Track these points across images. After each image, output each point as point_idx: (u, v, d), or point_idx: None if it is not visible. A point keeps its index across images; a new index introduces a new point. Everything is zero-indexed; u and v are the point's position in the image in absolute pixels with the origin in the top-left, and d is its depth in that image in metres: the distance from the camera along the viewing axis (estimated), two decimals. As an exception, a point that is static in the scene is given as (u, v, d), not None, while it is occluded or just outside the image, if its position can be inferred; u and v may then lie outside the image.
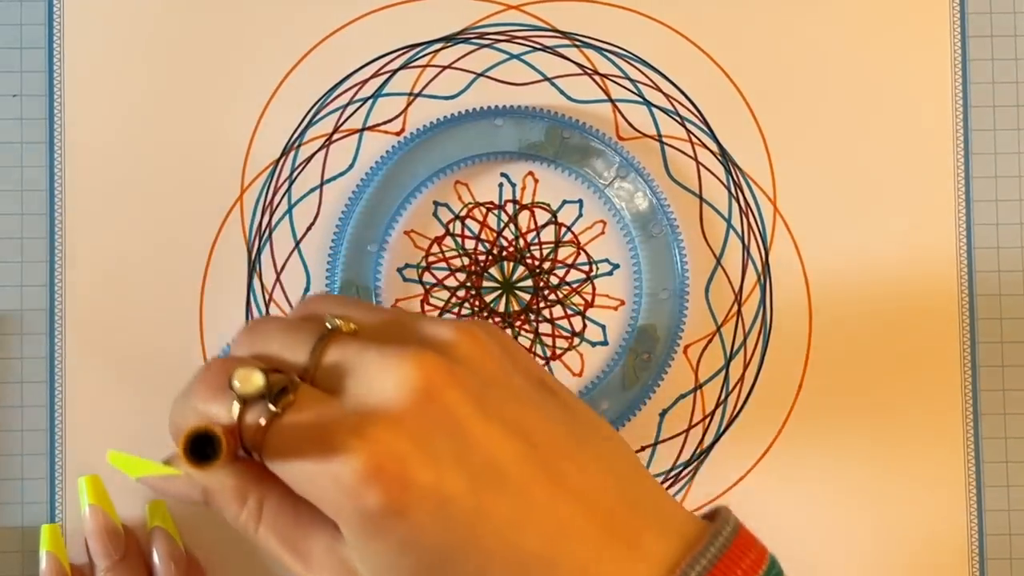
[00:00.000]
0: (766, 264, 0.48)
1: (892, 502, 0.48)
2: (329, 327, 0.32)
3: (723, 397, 0.48)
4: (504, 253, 0.48)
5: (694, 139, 0.49)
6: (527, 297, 0.48)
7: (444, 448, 0.29)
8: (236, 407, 0.30)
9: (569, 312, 0.48)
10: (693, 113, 0.49)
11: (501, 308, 0.48)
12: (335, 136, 0.48)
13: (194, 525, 0.47)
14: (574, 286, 0.48)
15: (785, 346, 0.48)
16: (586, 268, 0.48)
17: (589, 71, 0.49)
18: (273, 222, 0.48)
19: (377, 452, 0.28)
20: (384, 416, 0.29)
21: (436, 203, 0.48)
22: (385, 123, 0.48)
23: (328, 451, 0.29)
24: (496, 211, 0.48)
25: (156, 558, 0.45)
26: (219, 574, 0.47)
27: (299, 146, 0.48)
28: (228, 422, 0.30)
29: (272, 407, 0.30)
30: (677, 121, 0.49)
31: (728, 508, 0.33)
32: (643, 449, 0.48)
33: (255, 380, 0.29)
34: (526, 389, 0.32)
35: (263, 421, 0.30)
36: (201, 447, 0.29)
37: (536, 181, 0.49)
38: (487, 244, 0.48)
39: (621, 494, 0.31)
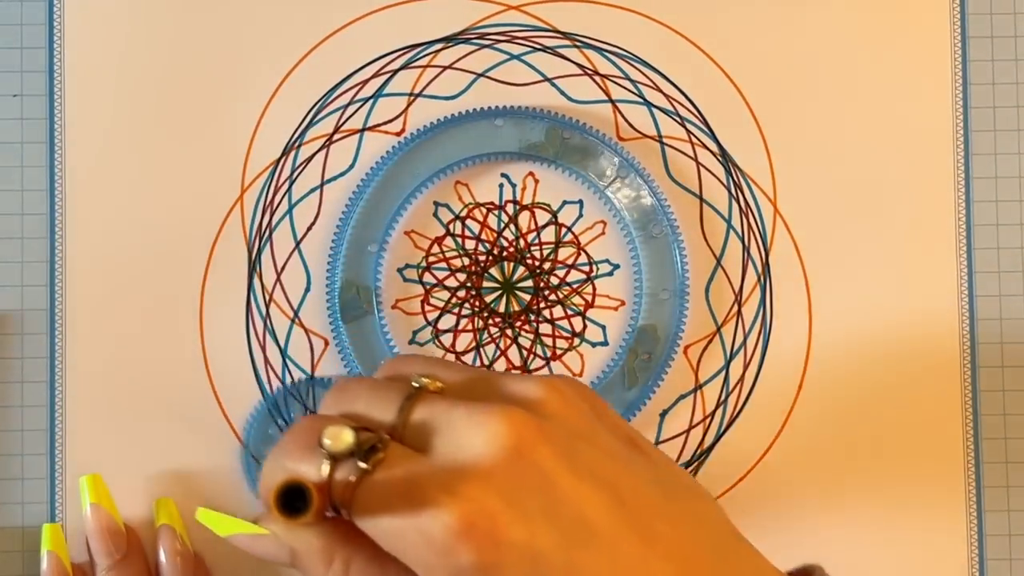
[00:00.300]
0: (766, 264, 0.48)
1: (892, 501, 0.48)
2: (416, 386, 0.32)
3: (723, 397, 0.48)
4: (504, 253, 0.48)
5: (694, 139, 0.49)
6: (527, 297, 0.48)
7: (534, 504, 0.29)
8: (326, 465, 0.30)
9: (569, 312, 0.48)
10: (693, 113, 0.49)
11: (501, 308, 0.48)
12: (335, 136, 0.48)
13: (201, 524, 0.47)
14: (574, 286, 0.48)
15: (785, 346, 0.48)
16: (586, 268, 0.48)
17: (589, 71, 0.49)
18: (273, 222, 0.48)
19: (468, 509, 0.28)
20: (474, 473, 0.29)
21: (436, 203, 0.49)
22: (385, 123, 0.48)
23: (418, 507, 0.29)
24: (496, 211, 0.48)
25: (163, 556, 0.45)
26: (224, 573, 0.47)
27: (299, 146, 0.48)
28: (318, 480, 0.30)
29: (362, 464, 0.30)
30: (677, 121, 0.49)
31: (822, 568, 0.33)
32: (643, 449, 0.48)
33: (345, 438, 0.30)
34: (614, 446, 0.32)
35: (353, 478, 0.30)
36: (291, 501, 0.29)
37: (536, 181, 0.49)
38: (487, 244, 0.48)
39: (713, 553, 0.31)
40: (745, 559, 0.32)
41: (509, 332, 0.48)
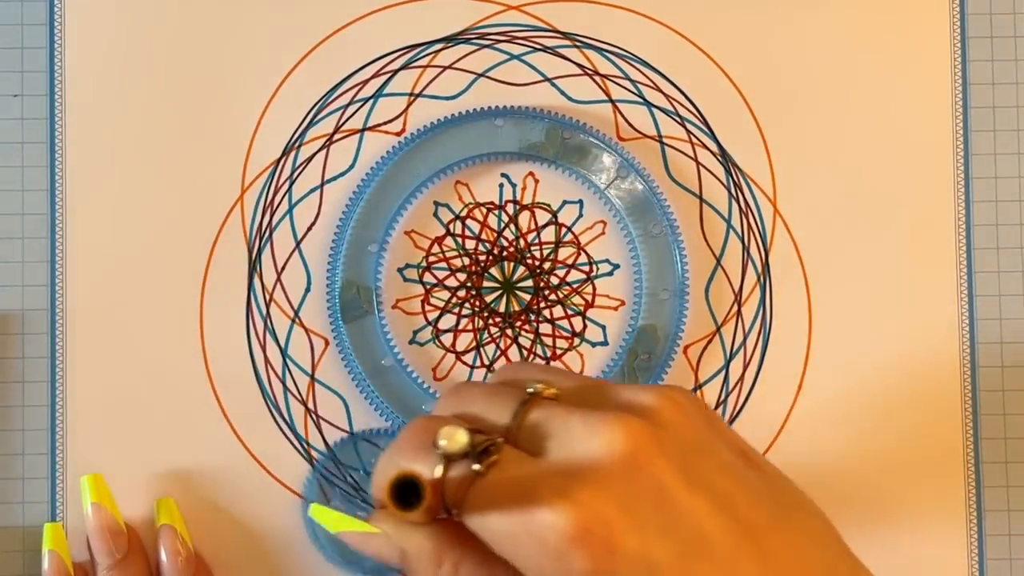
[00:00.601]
0: (766, 264, 0.48)
1: (892, 500, 0.48)
2: (530, 391, 0.32)
3: (723, 397, 0.48)
4: (504, 253, 0.48)
5: (694, 139, 0.49)
6: (527, 297, 0.48)
7: (650, 515, 0.29)
8: (440, 465, 0.30)
9: (569, 312, 0.48)
10: (693, 113, 0.49)
11: (501, 308, 0.48)
12: (336, 136, 0.48)
13: (202, 524, 0.47)
14: (574, 286, 0.48)
15: (785, 346, 0.48)
16: (586, 268, 0.49)
17: (589, 71, 0.49)
18: (273, 222, 0.48)
19: (584, 515, 0.28)
20: (590, 479, 0.29)
21: (436, 203, 0.49)
22: (386, 123, 0.48)
23: (532, 511, 0.29)
24: (496, 211, 0.49)
25: (163, 555, 0.45)
26: (225, 573, 0.47)
27: (300, 146, 0.48)
28: (431, 479, 0.30)
29: (476, 466, 0.30)
30: (677, 121, 0.49)
31: None
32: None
33: (460, 438, 0.30)
34: (729, 458, 0.32)
35: (466, 479, 0.30)
36: (405, 495, 0.29)
37: (536, 181, 0.49)
38: (487, 244, 0.48)
39: (826, 571, 0.31)
40: None
41: (509, 332, 0.48)
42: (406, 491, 0.29)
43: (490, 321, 0.48)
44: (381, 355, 0.47)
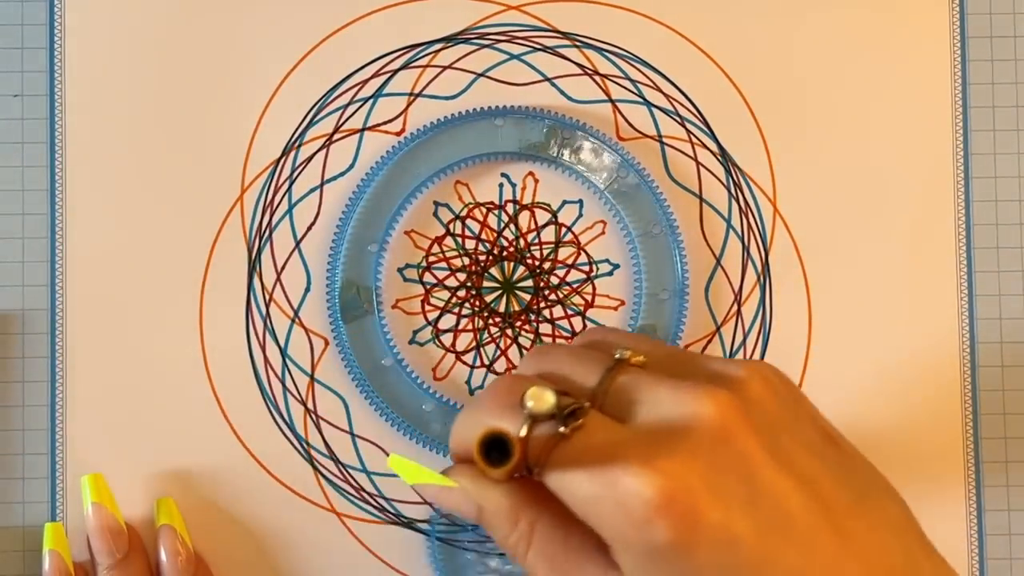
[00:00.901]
0: (766, 264, 0.48)
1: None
2: (618, 357, 0.32)
3: (723, 397, 0.48)
4: (504, 253, 0.48)
5: (694, 139, 0.49)
6: (527, 297, 0.48)
7: (735, 489, 0.29)
8: (525, 425, 0.30)
9: (569, 312, 0.48)
10: (693, 113, 0.49)
11: (501, 308, 0.48)
12: (335, 136, 0.48)
13: (202, 524, 0.47)
14: (574, 286, 0.48)
15: (785, 346, 0.48)
16: (586, 268, 0.49)
17: (589, 71, 0.49)
18: (273, 222, 0.48)
19: (668, 484, 0.28)
20: (678, 449, 0.29)
21: (436, 203, 0.49)
22: (385, 123, 0.48)
23: (617, 476, 0.28)
24: (496, 211, 0.49)
25: (163, 555, 0.45)
26: (225, 573, 0.47)
27: (299, 146, 0.48)
28: (489, 430, 0.30)
29: (562, 428, 0.30)
30: (677, 121, 0.49)
31: None
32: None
33: (547, 399, 0.30)
34: (813, 438, 0.31)
35: (552, 439, 0.30)
36: (492, 453, 0.29)
37: (536, 181, 0.49)
38: (487, 244, 0.48)
39: (904, 557, 0.30)
40: (935, 568, 0.31)
41: (509, 332, 0.48)
42: (494, 448, 0.29)
43: (490, 321, 0.48)
44: (381, 355, 0.47)
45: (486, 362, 0.48)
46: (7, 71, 0.48)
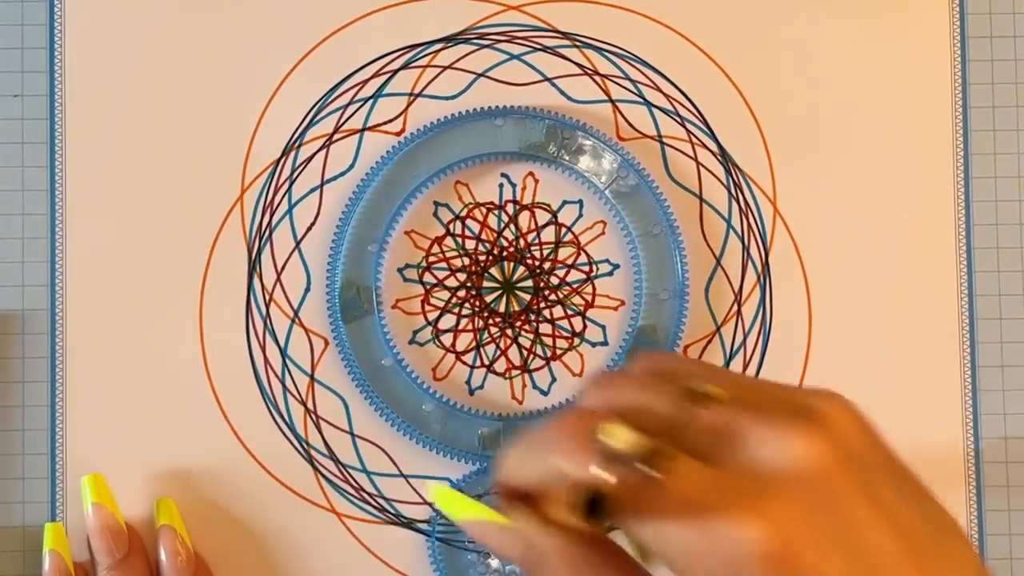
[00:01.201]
0: (766, 264, 0.48)
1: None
2: (695, 389, 0.30)
3: (723, 397, 0.48)
4: (504, 253, 0.48)
5: (694, 139, 0.49)
6: (527, 297, 0.48)
7: (834, 533, 0.27)
8: (602, 467, 0.28)
9: (569, 312, 0.48)
10: (693, 113, 0.49)
11: (501, 308, 0.48)
12: (335, 136, 0.48)
13: (202, 524, 0.47)
14: (574, 286, 0.48)
15: (785, 346, 0.48)
16: (586, 268, 0.48)
17: (589, 71, 0.49)
18: (273, 222, 0.48)
19: (776, 535, 0.26)
20: (780, 494, 0.27)
21: (436, 203, 0.49)
22: (385, 123, 0.48)
23: (718, 525, 0.27)
24: (496, 211, 0.49)
25: (163, 555, 0.45)
26: (225, 573, 0.47)
27: (299, 146, 0.48)
28: (588, 480, 0.28)
29: (649, 470, 0.27)
30: (677, 121, 0.49)
31: None
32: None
33: (627, 437, 0.28)
34: (895, 475, 0.30)
35: (639, 484, 0.27)
36: (588, 508, 0.27)
37: (536, 181, 0.49)
38: (487, 244, 0.48)
39: None
40: None
41: (509, 332, 0.48)
42: (590, 502, 0.27)
43: (490, 321, 0.48)
44: (381, 355, 0.47)
45: (486, 362, 0.48)
46: (7, 71, 0.48)
